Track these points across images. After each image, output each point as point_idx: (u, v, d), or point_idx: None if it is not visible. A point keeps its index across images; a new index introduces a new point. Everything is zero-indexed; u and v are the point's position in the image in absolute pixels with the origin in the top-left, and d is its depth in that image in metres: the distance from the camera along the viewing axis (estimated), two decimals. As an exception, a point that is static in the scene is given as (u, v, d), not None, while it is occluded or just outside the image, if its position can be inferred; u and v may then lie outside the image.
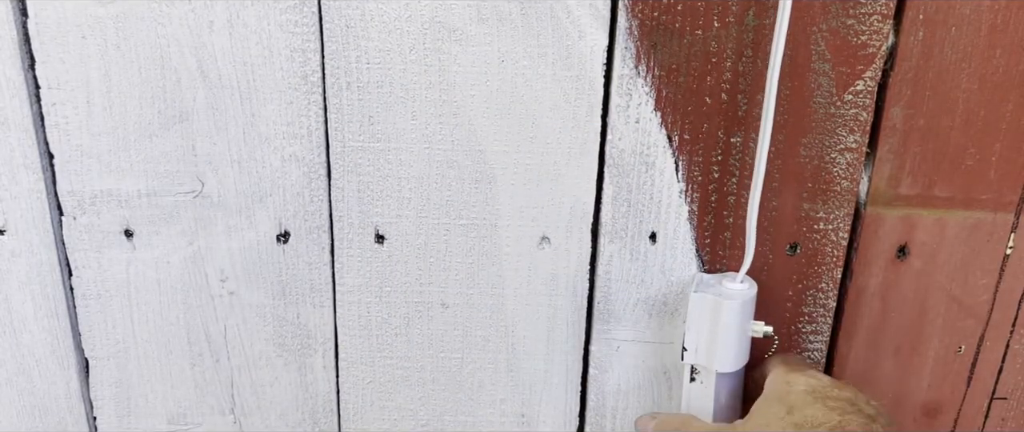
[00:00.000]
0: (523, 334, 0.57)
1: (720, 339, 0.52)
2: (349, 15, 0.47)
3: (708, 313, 0.52)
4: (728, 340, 0.52)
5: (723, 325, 0.52)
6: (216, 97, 0.49)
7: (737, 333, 0.52)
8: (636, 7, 0.48)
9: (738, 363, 0.53)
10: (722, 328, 0.52)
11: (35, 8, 0.47)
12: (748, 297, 0.52)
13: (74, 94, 0.49)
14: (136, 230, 0.52)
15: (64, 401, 0.57)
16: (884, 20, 0.48)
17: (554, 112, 0.50)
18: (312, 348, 0.57)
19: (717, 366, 0.53)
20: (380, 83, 0.49)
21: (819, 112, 0.50)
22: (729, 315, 0.52)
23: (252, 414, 0.58)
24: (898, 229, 0.53)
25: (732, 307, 0.52)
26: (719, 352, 0.53)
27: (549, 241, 0.54)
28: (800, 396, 0.49)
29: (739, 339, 0.53)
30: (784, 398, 0.49)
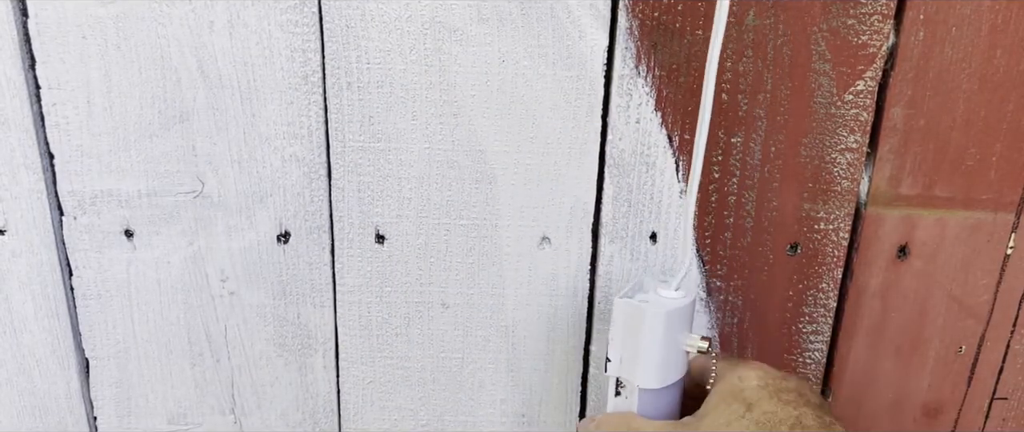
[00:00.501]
0: (523, 334, 0.57)
1: (643, 352, 0.47)
2: (349, 15, 0.47)
3: (631, 322, 0.47)
4: (651, 354, 0.47)
5: (646, 337, 0.47)
6: (216, 97, 0.49)
7: (662, 347, 0.47)
8: (636, 7, 0.48)
9: (665, 379, 0.48)
10: (645, 340, 0.47)
11: (35, 8, 0.47)
12: (676, 307, 0.47)
13: (74, 94, 0.49)
14: (136, 230, 0.52)
15: (64, 401, 0.57)
16: (885, 20, 0.48)
17: (554, 112, 0.50)
18: (312, 348, 0.57)
19: (639, 381, 0.48)
20: (380, 83, 0.49)
21: (819, 112, 0.50)
22: (652, 326, 0.47)
23: (252, 414, 0.58)
24: (898, 229, 0.53)
25: (656, 317, 0.46)
26: (642, 366, 0.48)
27: (549, 241, 0.54)
28: (755, 392, 0.46)
29: (666, 353, 0.47)
30: (739, 395, 0.46)
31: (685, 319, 0.48)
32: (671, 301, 0.47)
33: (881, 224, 0.53)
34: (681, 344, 0.48)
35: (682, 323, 0.48)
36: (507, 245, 0.54)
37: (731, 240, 0.54)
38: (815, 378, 0.58)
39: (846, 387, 0.58)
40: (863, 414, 0.59)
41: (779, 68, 0.49)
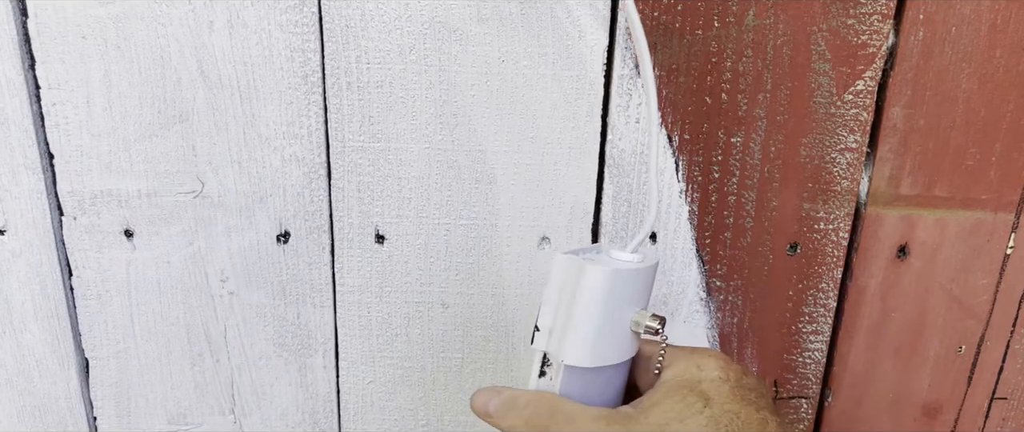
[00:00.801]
0: (523, 334, 0.56)
1: (576, 320, 0.39)
2: (349, 15, 0.47)
3: (569, 282, 0.39)
4: (586, 324, 0.39)
5: (583, 301, 0.38)
6: (216, 97, 0.49)
7: (600, 317, 0.39)
8: (636, 7, 0.48)
9: (600, 358, 0.39)
10: (580, 306, 0.39)
11: (35, 8, 0.47)
12: (626, 270, 0.39)
13: (74, 94, 0.49)
14: (136, 230, 0.52)
15: (64, 401, 0.57)
16: (884, 20, 0.48)
17: (554, 112, 0.50)
18: (312, 348, 0.57)
19: (565, 356, 0.39)
20: (380, 83, 0.49)
21: (819, 112, 0.50)
22: (592, 288, 0.38)
23: (252, 414, 0.58)
24: (898, 229, 0.53)
25: (597, 277, 0.38)
26: (572, 338, 0.39)
27: (549, 241, 0.54)
28: (716, 385, 0.40)
29: (605, 326, 0.39)
30: (696, 386, 0.39)
31: (637, 289, 0.40)
32: (622, 263, 0.39)
33: (881, 224, 0.53)
34: (627, 319, 0.40)
35: (633, 293, 0.39)
36: (507, 245, 0.54)
37: (731, 240, 0.54)
38: (815, 378, 0.58)
39: (846, 387, 0.58)
40: (863, 414, 0.59)
41: (779, 68, 0.49)
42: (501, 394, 0.42)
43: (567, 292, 0.40)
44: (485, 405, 0.42)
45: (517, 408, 0.41)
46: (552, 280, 0.40)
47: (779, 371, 0.58)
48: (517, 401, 0.41)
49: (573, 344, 0.39)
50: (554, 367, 0.40)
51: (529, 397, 0.41)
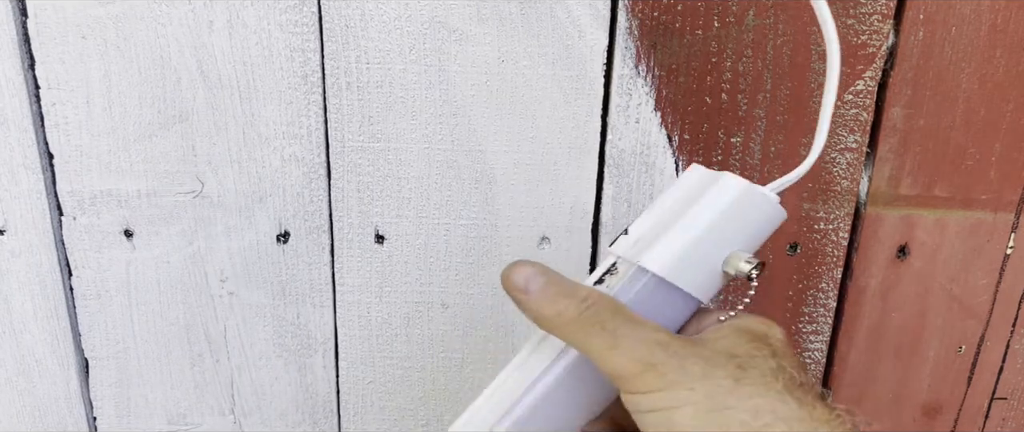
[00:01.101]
0: (524, 334, 0.56)
1: (678, 225, 0.36)
2: (349, 15, 0.47)
3: (690, 191, 0.37)
4: (686, 229, 0.35)
5: (698, 207, 0.36)
6: (216, 97, 0.49)
7: (705, 227, 0.36)
8: (636, 7, 0.48)
9: (678, 274, 0.35)
10: (692, 214, 0.36)
11: (35, 8, 0.47)
12: (762, 197, 0.36)
13: (74, 94, 0.49)
14: (136, 230, 0.52)
15: (64, 401, 0.57)
16: (884, 20, 0.48)
17: (554, 112, 0.50)
18: (312, 348, 0.57)
19: (644, 259, 0.36)
20: (380, 83, 0.49)
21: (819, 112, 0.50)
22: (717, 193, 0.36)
23: (252, 414, 0.58)
24: (898, 229, 0.53)
25: (728, 183, 0.36)
26: (663, 241, 0.35)
27: (549, 241, 0.54)
28: (784, 345, 0.36)
29: (702, 240, 0.36)
30: (765, 338, 0.35)
31: (755, 226, 0.36)
32: (762, 191, 0.36)
33: (881, 224, 0.53)
34: (724, 257, 0.36)
35: (747, 228, 0.36)
36: (507, 245, 0.54)
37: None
38: (815, 378, 0.58)
39: (846, 387, 0.58)
40: (863, 414, 0.59)
41: (779, 68, 0.49)
42: (548, 275, 0.36)
43: (682, 201, 0.37)
44: (525, 282, 0.36)
45: (571, 295, 0.35)
46: (672, 189, 0.37)
47: (779, 371, 0.58)
48: (575, 290, 0.35)
49: (660, 249, 0.36)
50: (618, 276, 0.36)
51: (588, 290, 0.36)
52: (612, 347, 0.33)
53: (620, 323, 0.34)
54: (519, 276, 0.36)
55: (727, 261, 0.36)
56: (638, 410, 0.33)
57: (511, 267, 0.36)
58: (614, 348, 0.33)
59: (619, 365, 0.33)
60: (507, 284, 0.36)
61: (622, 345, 0.33)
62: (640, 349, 0.33)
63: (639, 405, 0.33)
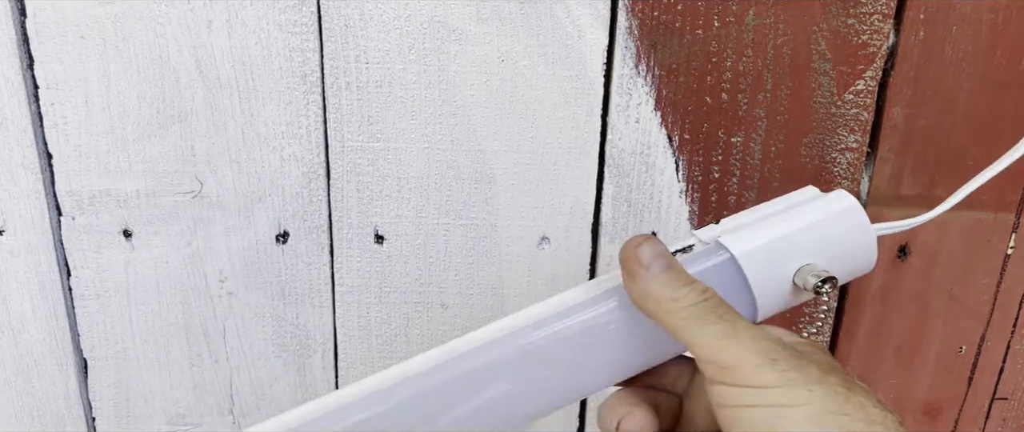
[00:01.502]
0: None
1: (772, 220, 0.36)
2: (348, 15, 0.47)
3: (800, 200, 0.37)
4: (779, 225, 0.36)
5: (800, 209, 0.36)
6: (215, 97, 0.49)
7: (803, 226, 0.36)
8: (636, 6, 0.47)
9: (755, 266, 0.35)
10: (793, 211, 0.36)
11: (34, 8, 0.47)
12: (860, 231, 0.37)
13: (73, 94, 0.49)
14: (135, 230, 0.52)
15: (63, 402, 0.57)
16: (885, 20, 0.48)
17: (554, 112, 0.50)
18: (311, 348, 0.57)
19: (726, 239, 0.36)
20: (379, 83, 0.49)
21: (820, 112, 0.50)
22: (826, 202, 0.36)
23: (251, 414, 0.58)
24: (899, 229, 0.53)
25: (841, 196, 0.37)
26: (752, 229, 0.36)
27: (549, 241, 0.54)
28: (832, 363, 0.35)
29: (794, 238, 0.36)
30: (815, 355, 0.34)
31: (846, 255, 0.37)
32: (865, 220, 0.37)
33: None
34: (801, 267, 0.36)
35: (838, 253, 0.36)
36: (507, 245, 0.54)
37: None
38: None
39: (846, 387, 0.58)
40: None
41: (779, 68, 0.49)
42: (671, 259, 0.35)
43: (785, 206, 0.37)
44: (650, 260, 0.35)
45: (692, 285, 0.34)
46: (780, 198, 0.38)
47: (779, 371, 0.58)
48: (695, 282, 0.35)
49: (744, 234, 0.36)
50: (691, 254, 0.37)
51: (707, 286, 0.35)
52: (731, 336, 0.33)
53: (736, 317, 0.34)
54: (645, 252, 0.35)
55: (800, 271, 0.36)
56: (738, 404, 0.33)
57: (637, 242, 0.36)
58: (733, 337, 0.33)
59: (737, 355, 0.33)
60: (630, 254, 0.36)
61: (742, 336, 0.33)
62: (761, 342, 0.33)
63: (740, 399, 0.33)
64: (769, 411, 0.32)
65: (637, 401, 0.38)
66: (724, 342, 0.33)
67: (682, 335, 0.34)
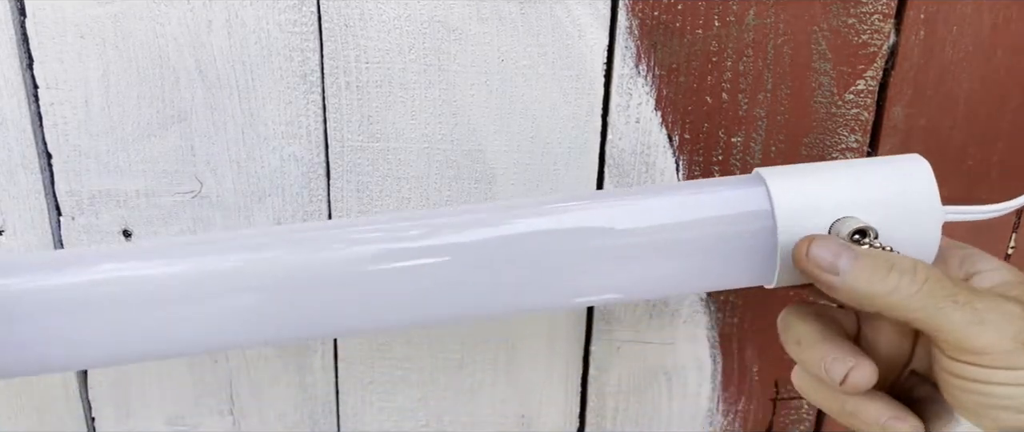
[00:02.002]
0: (523, 334, 0.56)
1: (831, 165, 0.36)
2: (348, 14, 0.47)
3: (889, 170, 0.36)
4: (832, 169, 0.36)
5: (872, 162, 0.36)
6: (214, 97, 0.49)
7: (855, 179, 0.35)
8: (636, 6, 0.47)
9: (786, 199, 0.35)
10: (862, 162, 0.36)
11: (33, 7, 0.47)
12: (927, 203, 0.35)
13: (72, 94, 0.49)
14: (135, 230, 0.52)
15: (62, 402, 0.57)
16: (885, 19, 0.48)
17: (554, 112, 0.50)
18: (311, 349, 0.57)
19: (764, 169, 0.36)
20: (379, 83, 0.49)
21: (820, 112, 0.50)
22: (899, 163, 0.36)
23: (251, 415, 0.58)
24: (899, 229, 0.53)
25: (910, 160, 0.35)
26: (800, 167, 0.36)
27: (549, 241, 0.53)
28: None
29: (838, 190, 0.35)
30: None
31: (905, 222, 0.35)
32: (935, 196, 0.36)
33: (882, 224, 0.53)
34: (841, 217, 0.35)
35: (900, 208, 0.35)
36: (507, 245, 0.54)
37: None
38: (815, 379, 0.58)
39: (847, 388, 0.58)
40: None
41: (779, 67, 0.49)
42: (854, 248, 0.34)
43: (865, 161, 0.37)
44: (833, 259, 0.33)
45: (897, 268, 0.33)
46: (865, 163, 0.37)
47: (780, 371, 0.58)
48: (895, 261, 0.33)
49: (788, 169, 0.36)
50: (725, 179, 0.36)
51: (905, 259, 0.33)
52: (978, 323, 0.32)
53: (969, 294, 0.33)
54: (823, 252, 0.33)
55: (839, 221, 0.34)
56: (988, 381, 0.32)
57: (808, 243, 0.34)
58: (980, 324, 0.32)
59: (988, 342, 0.32)
60: (807, 263, 0.34)
61: (989, 321, 0.32)
62: (1012, 325, 0.32)
63: (991, 377, 0.32)
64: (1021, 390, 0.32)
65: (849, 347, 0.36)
66: (973, 330, 0.32)
67: (920, 325, 0.33)
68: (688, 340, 0.56)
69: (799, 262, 0.35)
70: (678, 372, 0.57)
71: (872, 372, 0.35)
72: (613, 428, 0.59)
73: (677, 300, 0.55)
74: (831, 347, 0.36)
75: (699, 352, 0.57)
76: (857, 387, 0.35)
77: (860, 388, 0.35)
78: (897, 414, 0.36)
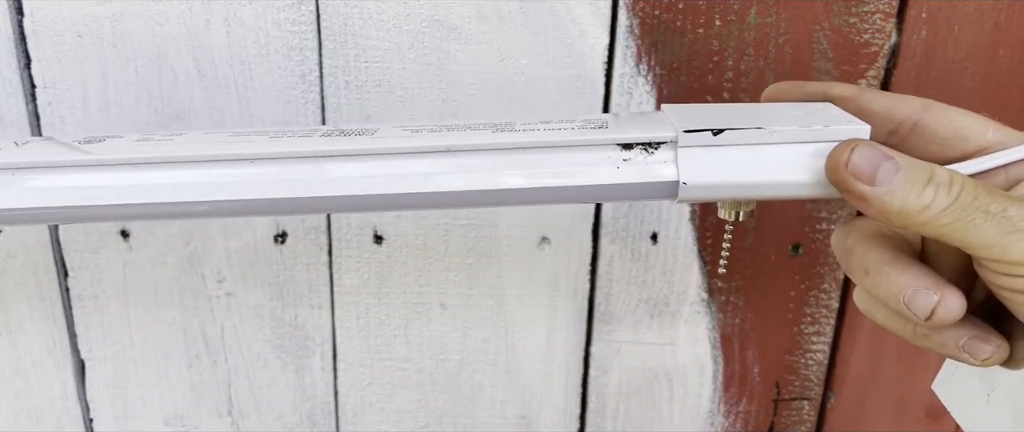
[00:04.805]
0: (523, 335, 0.56)
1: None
2: (347, 13, 0.47)
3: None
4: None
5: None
6: (213, 96, 0.49)
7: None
8: (637, 5, 0.47)
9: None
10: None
11: (31, 6, 0.46)
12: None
13: (70, 93, 0.48)
14: (132, 230, 0.52)
15: (60, 403, 0.57)
16: (887, 18, 0.48)
17: (554, 111, 0.50)
18: (310, 349, 0.56)
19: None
20: (379, 82, 0.49)
21: (821, 111, 0.50)
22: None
23: (250, 416, 0.58)
24: (901, 229, 0.53)
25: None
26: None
27: (549, 241, 0.53)
28: None
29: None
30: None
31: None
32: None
33: (883, 224, 0.53)
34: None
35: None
36: (507, 245, 0.53)
37: (732, 240, 0.53)
38: (817, 379, 0.58)
39: (848, 388, 0.58)
40: (866, 416, 0.59)
41: (781, 67, 0.49)
42: (897, 158, 0.31)
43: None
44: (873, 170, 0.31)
45: (932, 180, 0.30)
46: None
47: (781, 372, 0.58)
48: (929, 172, 0.30)
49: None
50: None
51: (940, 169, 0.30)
52: (1013, 231, 0.29)
53: (1003, 202, 0.30)
54: (863, 160, 0.30)
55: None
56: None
57: (846, 148, 0.31)
58: (1016, 232, 0.29)
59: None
60: (843, 173, 0.31)
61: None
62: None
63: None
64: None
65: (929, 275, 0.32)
66: (1008, 238, 0.29)
67: (952, 241, 0.30)
68: (689, 341, 0.56)
69: (835, 172, 0.31)
70: (679, 373, 0.57)
71: (961, 304, 0.31)
72: (613, 429, 0.59)
73: (678, 300, 0.55)
74: (909, 277, 0.32)
75: (700, 353, 0.57)
76: (945, 322, 0.31)
77: (948, 323, 0.31)
78: (978, 332, 0.32)
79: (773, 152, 0.32)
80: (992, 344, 0.32)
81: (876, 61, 0.49)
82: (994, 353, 0.32)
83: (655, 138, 0.33)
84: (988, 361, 0.32)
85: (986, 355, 0.32)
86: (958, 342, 0.32)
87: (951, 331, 0.32)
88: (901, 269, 0.32)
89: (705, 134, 0.32)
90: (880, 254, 0.33)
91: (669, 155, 0.33)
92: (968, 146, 0.34)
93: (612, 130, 0.34)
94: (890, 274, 0.32)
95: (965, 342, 0.32)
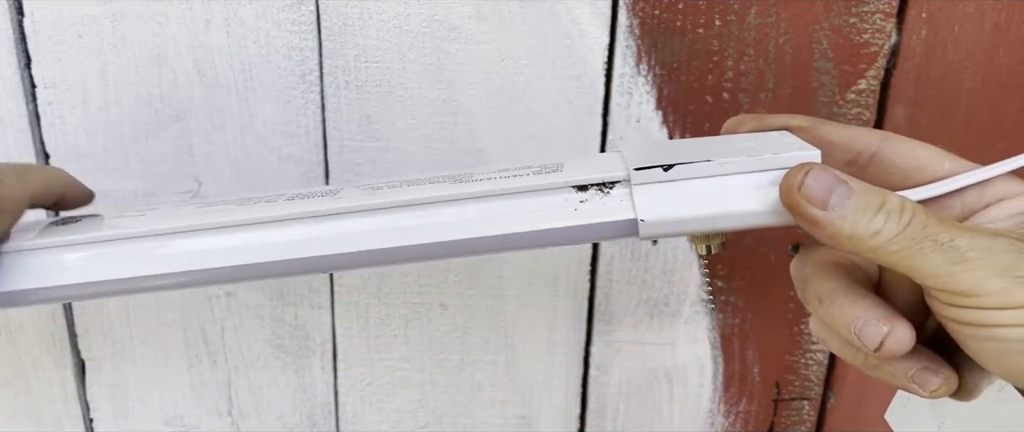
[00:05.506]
0: (523, 335, 0.56)
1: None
2: (347, 13, 0.47)
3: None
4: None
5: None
6: (213, 96, 0.49)
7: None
8: (637, 5, 0.47)
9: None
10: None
11: (31, 6, 0.46)
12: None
13: (70, 93, 0.48)
14: (133, 230, 0.52)
15: (60, 403, 0.57)
16: (887, 18, 0.48)
17: (554, 111, 0.50)
18: (310, 349, 0.56)
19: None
20: (379, 82, 0.49)
21: (821, 111, 0.50)
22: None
23: (249, 416, 0.58)
24: (901, 229, 0.53)
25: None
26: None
27: (549, 241, 0.53)
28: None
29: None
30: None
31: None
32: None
33: (883, 224, 0.53)
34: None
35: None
36: (506, 245, 0.53)
37: (732, 240, 0.53)
38: (817, 379, 0.58)
39: (848, 389, 0.58)
40: (866, 415, 0.59)
41: (781, 67, 0.49)
42: (850, 183, 0.30)
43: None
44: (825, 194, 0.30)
45: (883, 207, 0.30)
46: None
47: (781, 372, 0.58)
48: (881, 199, 0.30)
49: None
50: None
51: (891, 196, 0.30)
52: (959, 262, 0.29)
53: (951, 232, 0.29)
54: (817, 184, 0.30)
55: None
56: (985, 323, 0.29)
57: (800, 172, 0.30)
58: (962, 262, 0.29)
59: (973, 282, 0.29)
60: (796, 196, 0.31)
61: (972, 259, 0.29)
62: (996, 260, 0.29)
63: (988, 319, 0.29)
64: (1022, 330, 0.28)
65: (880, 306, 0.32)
66: (954, 269, 0.29)
67: (901, 269, 0.30)
68: (689, 341, 0.56)
69: (788, 197, 0.31)
70: (679, 373, 0.57)
71: (910, 336, 0.31)
72: (613, 429, 0.59)
73: (678, 300, 0.55)
74: (860, 308, 0.32)
75: (700, 353, 0.57)
76: (894, 353, 0.31)
77: (897, 354, 0.31)
78: (928, 364, 0.32)
79: (725, 183, 0.33)
80: (941, 376, 0.32)
81: (876, 61, 0.49)
82: (942, 385, 0.32)
83: (608, 178, 0.33)
84: (936, 393, 0.32)
85: (934, 386, 0.32)
86: (908, 373, 0.32)
87: (901, 362, 0.32)
88: (853, 300, 0.32)
89: (655, 170, 0.33)
90: (835, 284, 0.33)
91: (624, 193, 0.33)
92: (924, 177, 0.34)
93: (567, 173, 0.34)
94: (843, 304, 0.32)
95: (914, 373, 0.32)
